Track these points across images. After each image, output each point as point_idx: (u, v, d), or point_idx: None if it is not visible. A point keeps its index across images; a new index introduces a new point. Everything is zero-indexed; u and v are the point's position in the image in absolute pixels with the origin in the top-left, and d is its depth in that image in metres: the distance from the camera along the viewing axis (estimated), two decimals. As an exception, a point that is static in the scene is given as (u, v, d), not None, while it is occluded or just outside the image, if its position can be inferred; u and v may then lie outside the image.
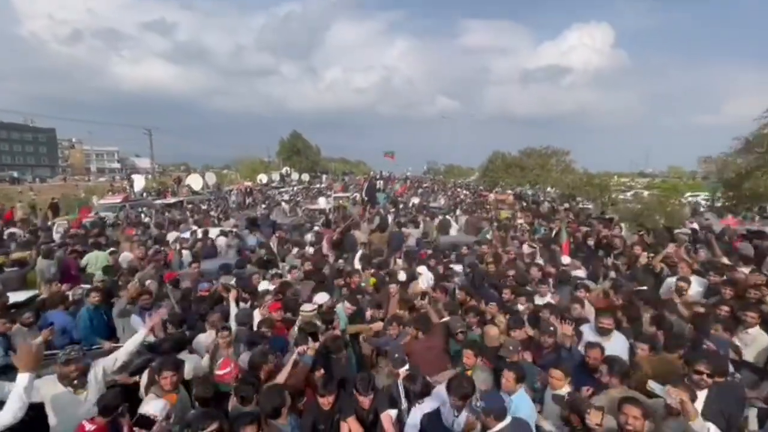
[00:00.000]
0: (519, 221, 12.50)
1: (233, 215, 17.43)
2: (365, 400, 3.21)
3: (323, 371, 3.71)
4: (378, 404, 3.26)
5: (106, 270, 7.34)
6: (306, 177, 44.77)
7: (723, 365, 3.28)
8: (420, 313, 4.84)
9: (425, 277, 6.74)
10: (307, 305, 4.84)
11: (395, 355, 3.68)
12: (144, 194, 24.77)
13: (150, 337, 4.84)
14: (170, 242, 10.18)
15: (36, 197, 24.31)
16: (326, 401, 3.17)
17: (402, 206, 18.85)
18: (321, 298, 5.15)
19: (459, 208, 18.18)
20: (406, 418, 3.27)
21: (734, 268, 5.70)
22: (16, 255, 8.27)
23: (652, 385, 2.90)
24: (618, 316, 4.46)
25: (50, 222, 14.75)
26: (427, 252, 8.80)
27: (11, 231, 11.99)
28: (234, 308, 5.13)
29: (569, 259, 7.62)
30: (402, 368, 3.58)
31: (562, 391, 3.34)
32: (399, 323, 4.55)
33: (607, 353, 3.63)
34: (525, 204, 19.31)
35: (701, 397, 2.99)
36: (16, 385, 2.70)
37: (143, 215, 17.37)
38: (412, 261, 7.74)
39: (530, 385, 3.61)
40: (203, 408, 3.20)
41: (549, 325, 4.16)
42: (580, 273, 6.92)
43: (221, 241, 10.38)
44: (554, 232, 9.79)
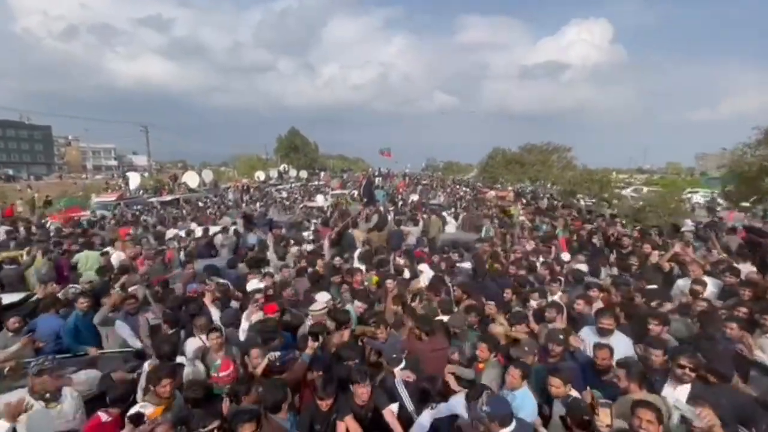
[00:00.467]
0: (521, 218, 12.33)
1: (228, 213, 17.17)
2: (364, 391, 3.12)
3: (323, 373, 3.54)
4: (377, 400, 3.21)
5: (99, 271, 7.11)
6: (304, 174, 44.48)
7: (723, 366, 3.16)
8: (422, 315, 4.66)
9: (426, 276, 6.63)
10: (317, 304, 4.70)
11: (392, 355, 3.64)
12: (140, 192, 24.50)
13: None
14: (166, 240, 10.05)
15: (38, 194, 23.99)
16: (325, 404, 3.11)
17: (401, 204, 18.68)
18: (323, 297, 4.95)
19: (458, 206, 18.02)
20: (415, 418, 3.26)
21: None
22: (5, 254, 8.09)
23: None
24: (616, 313, 4.36)
25: (44, 220, 14.62)
26: (424, 250, 8.62)
27: (7, 228, 11.83)
28: (214, 311, 4.93)
29: (569, 256, 7.58)
30: (397, 367, 3.53)
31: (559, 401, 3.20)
32: (386, 326, 4.38)
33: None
34: (525, 201, 19.13)
35: (683, 393, 2.93)
36: None
37: (144, 213, 17.19)
38: (414, 259, 7.60)
39: (537, 388, 3.42)
40: (195, 410, 3.09)
41: (558, 333, 3.98)
42: (582, 267, 6.83)
43: (217, 240, 10.16)
44: (557, 230, 9.64)
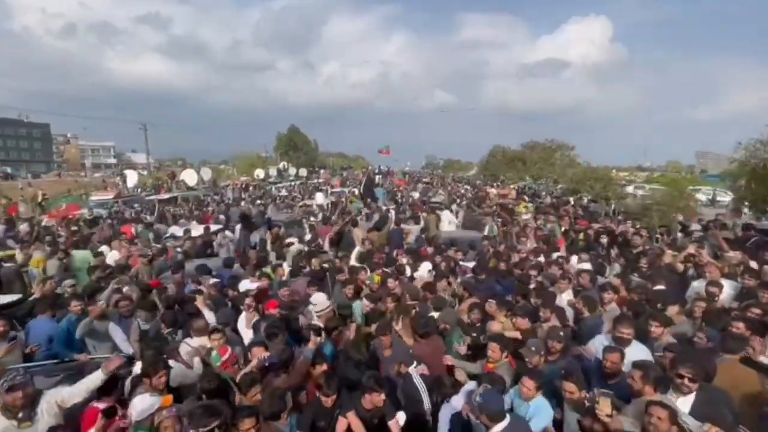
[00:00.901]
0: (524, 217, 12.13)
1: (228, 212, 16.96)
2: (378, 399, 3.09)
3: (326, 369, 3.57)
4: (385, 410, 3.19)
5: (90, 271, 6.86)
6: (304, 172, 44.22)
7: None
8: (419, 317, 4.60)
9: (423, 273, 6.60)
10: (321, 304, 4.87)
11: (401, 358, 3.73)
12: (138, 190, 24.28)
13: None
14: (163, 239, 10.01)
15: (41, 192, 23.79)
16: (329, 400, 3.13)
17: (402, 202, 18.49)
18: (318, 298, 4.93)
19: (458, 203, 17.83)
20: (428, 415, 3.41)
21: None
22: (1, 253, 8.10)
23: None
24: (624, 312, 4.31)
25: (37, 218, 14.40)
26: (428, 249, 8.48)
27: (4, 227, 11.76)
28: (207, 313, 4.87)
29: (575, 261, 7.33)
30: (412, 366, 3.64)
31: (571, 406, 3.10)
32: (390, 332, 4.27)
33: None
34: (528, 199, 18.90)
35: (686, 405, 2.84)
36: None
37: (144, 211, 17.02)
38: (416, 258, 7.56)
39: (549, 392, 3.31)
40: (209, 401, 3.13)
41: (558, 330, 3.92)
42: (586, 266, 6.66)
43: (216, 240, 9.96)
44: (562, 229, 9.46)
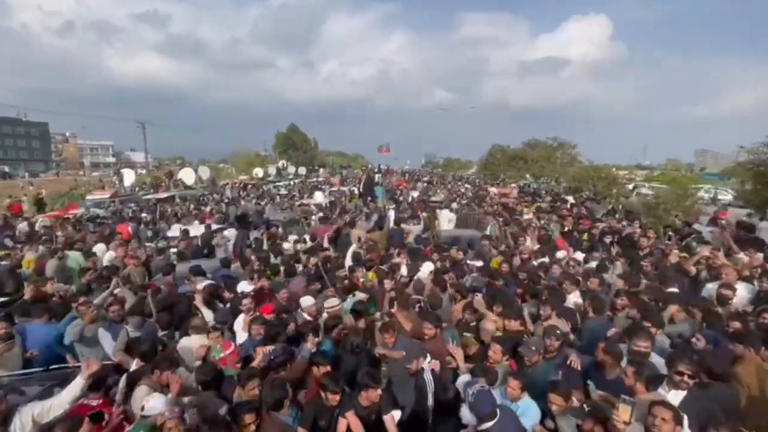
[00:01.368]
0: (526, 217, 11.92)
1: (225, 210, 16.77)
2: (375, 395, 3.11)
3: (330, 368, 3.55)
4: (381, 405, 3.19)
5: (81, 273, 6.73)
6: (303, 171, 43.96)
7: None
8: (430, 313, 4.59)
9: (425, 272, 6.45)
10: (331, 300, 4.97)
11: (414, 354, 3.71)
12: (136, 189, 24.02)
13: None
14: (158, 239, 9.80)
15: (45, 191, 23.60)
16: (334, 399, 3.13)
17: (401, 200, 18.32)
18: (306, 302, 4.87)
19: (459, 203, 17.65)
20: (430, 415, 3.50)
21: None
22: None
23: None
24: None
25: (33, 218, 14.25)
26: (431, 249, 8.36)
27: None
28: (206, 311, 4.90)
29: (564, 254, 7.46)
30: (425, 361, 3.67)
31: (567, 412, 2.98)
32: (394, 330, 4.22)
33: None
34: (531, 199, 18.67)
35: (677, 399, 2.80)
36: None
37: (144, 210, 16.81)
38: (416, 257, 7.44)
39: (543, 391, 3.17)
40: (205, 392, 3.22)
41: (555, 328, 3.87)
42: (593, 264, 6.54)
43: (213, 240, 9.74)
44: (566, 228, 9.27)
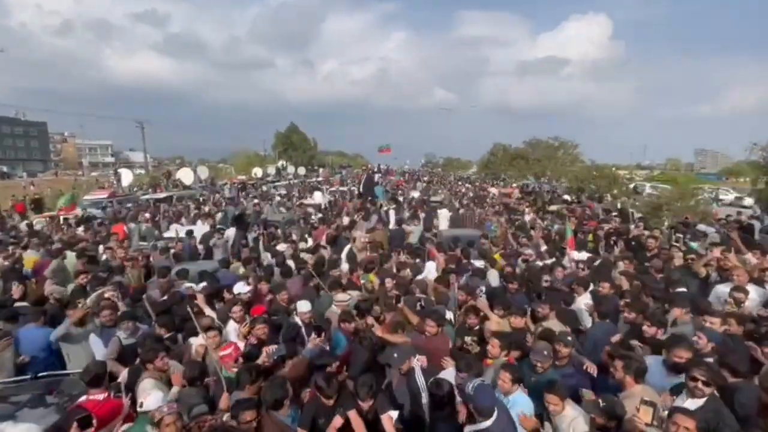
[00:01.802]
0: (527, 217, 11.81)
1: (226, 209, 16.65)
2: (368, 406, 3.11)
3: (326, 371, 3.51)
4: (378, 405, 3.16)
5: (77, 275, 6.54)
6: (302, 170, 43.80)
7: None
8: (432, 310, 4.63)
9: (432, 275, 6.53)
10: (341, 295, 5.00)
11: (401, 354, 3.68)
12: (134, 189, 23.86)
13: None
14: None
15: (50, 191, 23.46)
16: (329, 401, 3.12)
17: (402, 201, 18.22)
18: (303, 306, 4.74)
19: (459, 202, 17.55)
20: (426, 414, 3.40)
21: None
22: None
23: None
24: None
25: (30, 218, 14.14)
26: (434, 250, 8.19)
27: None
28: (209, 310, 4.94)
29: (578, 254, 7.39)
30: (414, 360, 3.61)
31: (564, 413, 2.94)
32: (403, 329, 4.34)
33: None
34: (533, 199, 18.55)
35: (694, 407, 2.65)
36: None
37: (144, 210, 16.70)
38: (417, 257, 7.46)
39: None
40: (191, 388, 3.26)
41: (566, 335, 3.75)
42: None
43: (211, 240, 9.64)
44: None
